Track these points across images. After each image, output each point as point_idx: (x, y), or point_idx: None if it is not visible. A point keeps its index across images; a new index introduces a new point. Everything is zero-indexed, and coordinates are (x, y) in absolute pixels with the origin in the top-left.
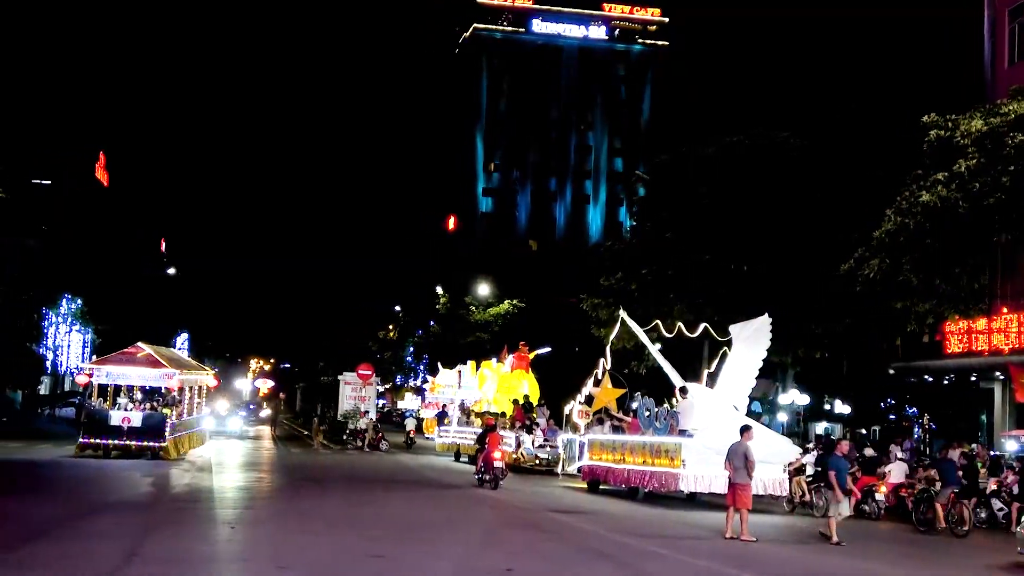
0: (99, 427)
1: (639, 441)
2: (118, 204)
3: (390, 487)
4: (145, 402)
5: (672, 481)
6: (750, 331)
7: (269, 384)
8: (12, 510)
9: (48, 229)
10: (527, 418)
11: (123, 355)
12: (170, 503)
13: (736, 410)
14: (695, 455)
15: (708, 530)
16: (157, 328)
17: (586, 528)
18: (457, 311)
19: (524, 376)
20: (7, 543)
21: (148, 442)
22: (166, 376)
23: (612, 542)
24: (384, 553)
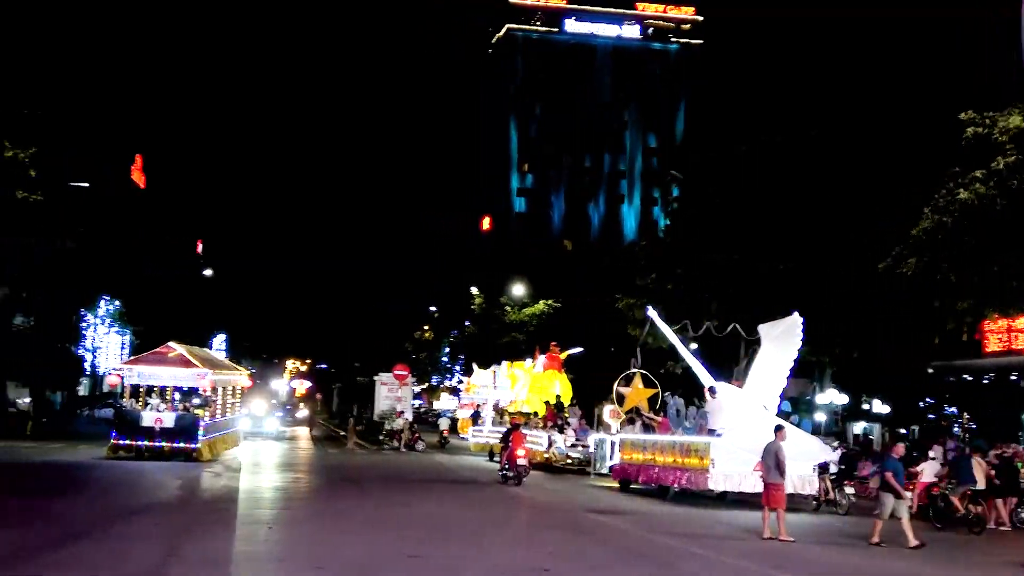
0: (131, 428)
1: (669, 440)
2: (155, 206)
3: (426, 487)
4: (179, 403)
5: (701, 480)
6: (779, 330)
7: (306, 385)
8: (49, 511)
9: (86, 231)
10: (559, 418)
11: (154, 355)
12: (206, 504)
13: (766, 410)
14: (724, 454)
15: (744, 530)
16: (194, 329)
17: (623, 528)
18: (492, 311)
19: (556, 376)
20: (47, 543)
21: (181, 443)
22: (198, 376)
23: (650, 542)
24: (421, 553)
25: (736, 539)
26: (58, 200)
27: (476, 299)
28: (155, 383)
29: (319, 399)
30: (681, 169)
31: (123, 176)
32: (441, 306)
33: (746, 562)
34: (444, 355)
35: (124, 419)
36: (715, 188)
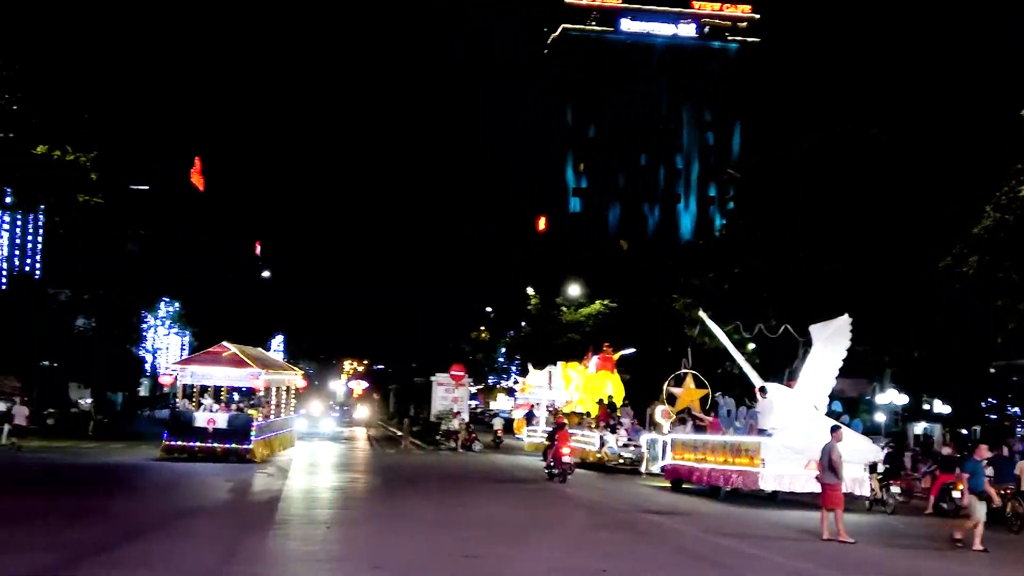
0: (184, 429)
1: (720, 440)
2: (214, 208)
3: (482, 487)
4: (232, 403)
5: (752, 480)
6: (830, 331)
7: (363, 385)
8: (109, 510)
9: (146, 234)
10: (611, 418)
11: (208, 355)
12: (262, 505)
13: (816, 410)
14: (774, 454)
15: (800, 530)
16: (253, 330)
17: (678, 528)
18: (548, 312)
19: (609, 377)
20: (107, 542)
21: (233, 444)
22: (251, 376)
23: (707, 543)
24: (478, 553)
25: (793, 540)
26: (119, 203)
27: (532, 299)
28: (208, 383)
29: (376, 399)
30: (738, 168)
31: (183, 179)
32: (497, 307)
33: (806, 564)
34: (500, 355)
35: (177, 420)
36: (773, 187)
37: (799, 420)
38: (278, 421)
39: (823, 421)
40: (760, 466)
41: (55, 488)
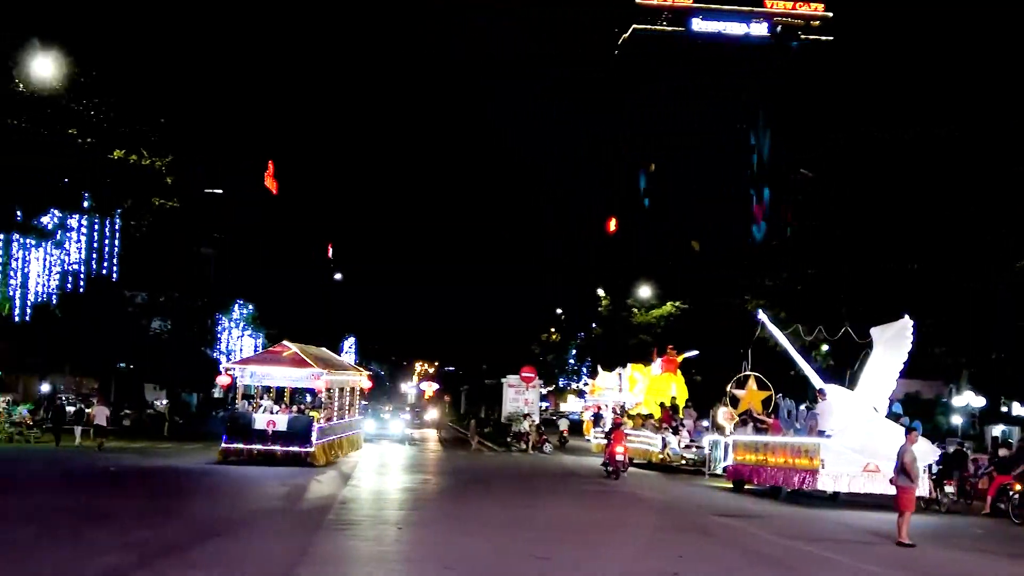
0: (243, 431)
1: (780, 442)
2: (286, 211)
3: (552, 488)
4: (295, 404)
5: (812, 480)
6: (891, 333)
7: (434, 387)
8: (180, 512)
9: (220, 237)
10: (673, 419)
11: (268, 354)
12: (326, 507)
13: (876, 411)
14: (833, 455)
15: (872, 532)
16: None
17: (749, 530)
18: (619, 313)
19: (672, 379)
20: (180, 542)
21: (294, 447)
22: (312, 376)
23: (779, 546)
24: (550, 555)
25: (864, 543)
26: (194, 207)
27: (603, 301)
28: (268, 383)
29: (447, 401)
30: (811, 167)
31: (256, 182)
32: (568, 308)
33: (876, 567)
34: (571, 357)
35: (236, 422)
36: (847, 187)
37: (858, 421)
38: (342, 423)
39: (883, 423)
40: (819, 467)
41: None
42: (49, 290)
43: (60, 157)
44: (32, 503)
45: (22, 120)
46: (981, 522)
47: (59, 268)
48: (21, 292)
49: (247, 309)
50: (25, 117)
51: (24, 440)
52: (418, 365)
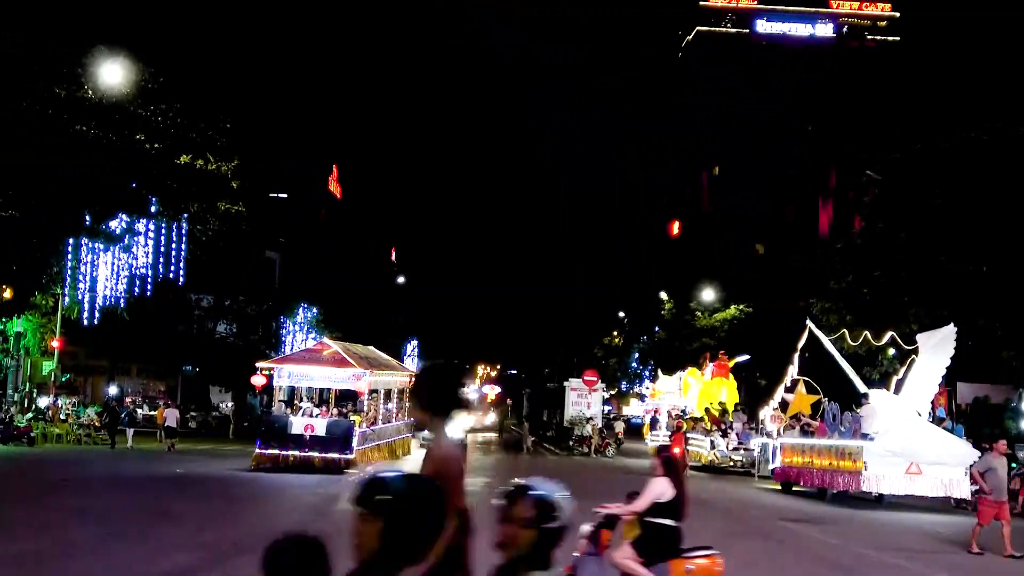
0: (278, 436)
1: (826, 444)
2: (350, 215)
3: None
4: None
5: (855, 482)
6: (936, 340)
7: (496, 390)
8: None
9: (285, 241)
10: (722, 422)
11: (307, 353)
12: None
13: (919, 415)
14: (876, 458)
15: (938, 539)
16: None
17: (815, 536)
18: (682, 316)
19: (724, 383)
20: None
21: (333, 453)
22: (354, 377)
23: (849, 553)
24: None
25: (934, 551)
26: (259, 211)
27: (666, 304)
28: (307, 384)
29: (509, 404)
30: (878, 169)
31: (321, 186)
32: (630, 312)
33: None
34: (633, 361)
35: (271, 426)
36: (915, 188)
37: (900, 425)
38: (388, 428)
39: (925, 426)
40: (862, 469)
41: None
42: (117, 294)
43: (128, 162)
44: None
45: (91, 126)
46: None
47: (127, 272)
48: (89, 296)
49: (311, 312)
50: (94, 123)
51: (92, 442)
52: (480, 368)
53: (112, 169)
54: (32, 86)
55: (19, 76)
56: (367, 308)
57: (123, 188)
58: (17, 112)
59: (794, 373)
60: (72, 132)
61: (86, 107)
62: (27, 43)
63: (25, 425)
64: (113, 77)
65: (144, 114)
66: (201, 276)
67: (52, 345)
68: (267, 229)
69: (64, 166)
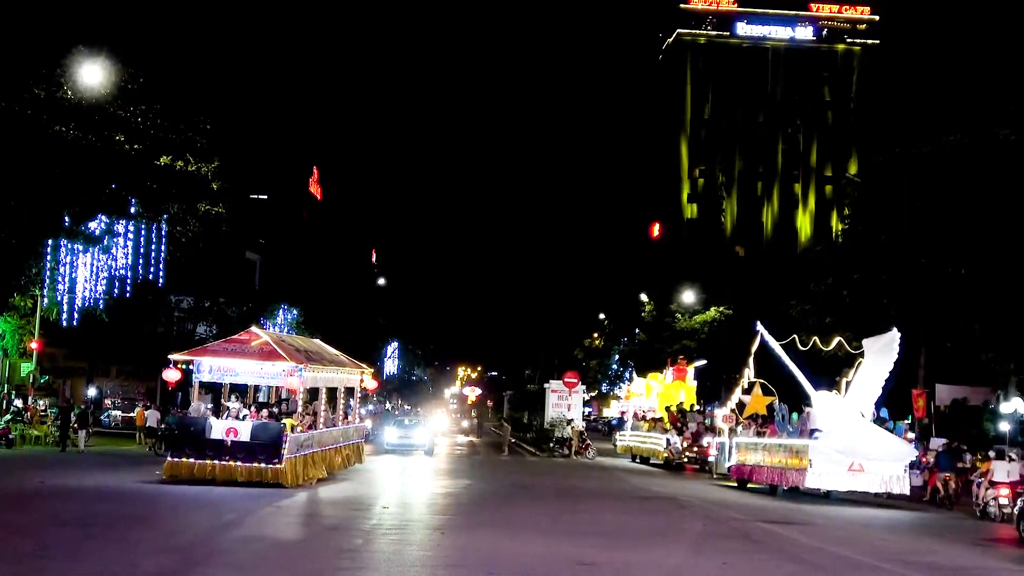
0: (193, 442)
1: (775, 443)
2: (330, 217)
3: (593, 494)
4: (268, 408)
5: (801, 478)
6: (880, 345)
7: (476, 392)
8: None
9: (265, 242)
10: (679, 422)
11: (230, 343)
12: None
13: (863, 416)
14: (820, 455)
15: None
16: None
17: (785, 535)
18: (663, 318)
19: (682, 385)
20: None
21: (258, 463)
22: (285, 373)
23: (827, 554)
24: (596, 561)
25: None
26: (239, 212)
27: (646, 306)
28: (231, 379)
29: (490, 406)
30: (858, 172)
31: (301, 188)
32: (611, 313)
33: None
34: (614, 363)
35: (186, 430)
36: (894, 191)
37: (844, 424)
38: (332, 433)
39: (867, 426)
40: (807, 466)
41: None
42: (96, 295)
43: (107, 163)
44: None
45: (69, 127)
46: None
47: (106, 273)
48: (68, 297)
49: (292, 314)
50: (72, 124)
51: (73, 444)
52: (461, 370)
53: (91, 170)
54: (10, 86)
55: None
56: (347, 310)
57: (102, 189)
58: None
59: (750, 376)
60: (51, 133)
61: (65, 108)
62: (5, 42)
63: (3, 427)
64: (92, 78)
65: (124, 115)
66: (181, 277)
67: (31, 347)
68: (247, 230)
69: (43, 167)
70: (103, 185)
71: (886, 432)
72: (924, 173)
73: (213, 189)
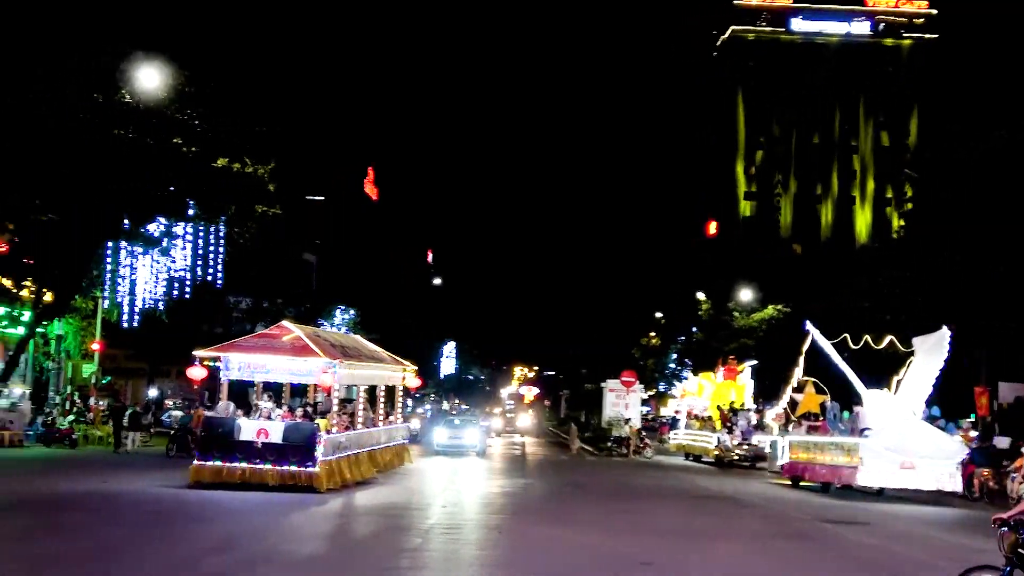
0: (222, 444)
1: (827, 441)
2: (386, 217)
3: (651, 492)
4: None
5: (852, 476)
6: (930, 343)
7: (533, 391)
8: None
9: (322, 243)
10: (729, 420)
11: (260, 338)
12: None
13: (913, 414)
14: (871, 453)
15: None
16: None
17: (846, 535)
18: (720, 317)
19: (732, 385)
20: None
21: (291, 465)
22: (319, 369)
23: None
24: (652, 559)
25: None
26: (296, 213)
27: (703, 305)
28: (262, 377)
29: (547, 405)
30: (916, 168)
31: (357, 189)
32: (668, 312)
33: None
34: (671, 361)
35: (214, 430)
36: (953, 187)
37: (895, 423)
38: (372, 433)
39: (918, 424)
40: (859, 464)
41: None
42: (156, 296)
43: (165, 166)
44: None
45: (128, 130)
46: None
47: (165, 275)
48: (129, 299)
49: (348, 314)
50: (131, 127)
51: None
52: (517, 369)
53: (150, 173)
54: (70, 91)
55: (57, 81)
56: (404, 310)
57: (161, 192)
58: (56, 117)
59: (800, 374)
60: (110, 137)
61: (123, 112)
62: (64, 48)
63: (67, 427)
64: (150, 81)
65: (181, 118)
66: (239, 278)
67: (92, 348)
68: (304, 232)
69: (103, 170)
70: (162, 187)
71: (937, 430)
72: (982, 169)
73: (270, 191)
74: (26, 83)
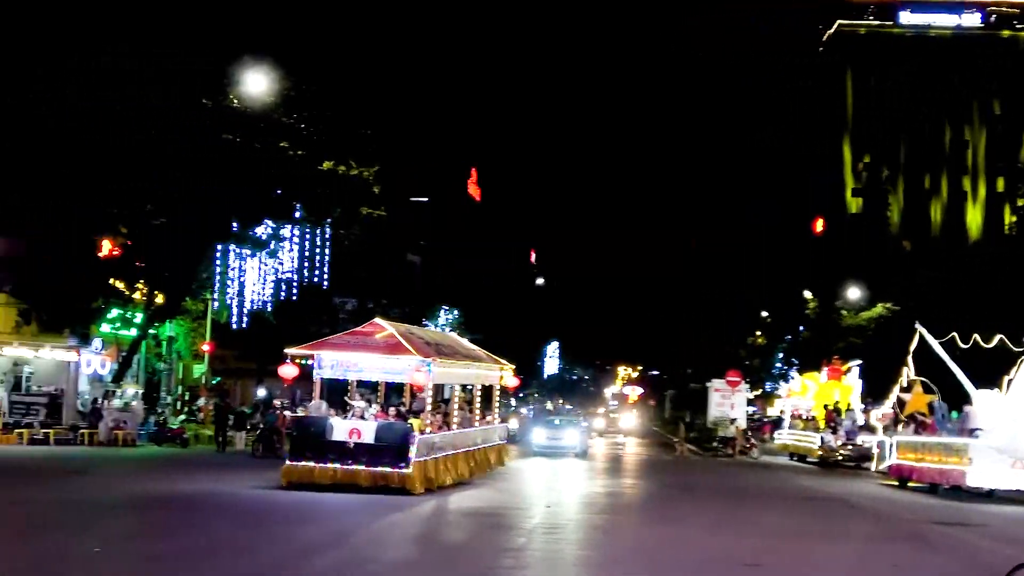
0: (313, 444)
1: (935, 441)
2: (489, 218)
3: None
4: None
5: (961, 477)
6: None
7: (637, 391)
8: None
9: (426, 244)
10: (834, 420)
11: (353, 336)
12: None
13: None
14: (980, 454)
15: None
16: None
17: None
18: (827, 316)
19: (836, 385)
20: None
21: (383, 466)
22: (412, 368)
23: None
24: (759, 560)
25: None
26: (400, 215)
27: (810, 303)
28: (355, 376)
29: (652, 405)
30: None
31: (460, 190)
32: (773, 311)
33: None
34: (777, 361)
35: (304, 431)
36: None
37: (1006, 423)
38: (468, 434)
39: None
40: (968, 464)
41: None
42: (264, 298)
43: (272, 169)
44: None
45: (236, 135)
46: None
47: (273, 276)
48: (237, 300)
49: (452, 315)
50: (239, 132)
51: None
52: (621, 369)
53: (258, 176)
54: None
55: (167, 87)
56: (507, 310)
57: (268, 195)
58: (166, 122)
59: (910, 374)
60: (218, 141)
61: (231, 116)
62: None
63: (178, 427)
64: (257, 86)
65: (287, 122)
66: (345, 279)
67: (202, 349)
68: (408, 233)
69: (212, 174)
70: (269, 190)
71: None
72: None
73: (374, 192)
74: (139, 88)
